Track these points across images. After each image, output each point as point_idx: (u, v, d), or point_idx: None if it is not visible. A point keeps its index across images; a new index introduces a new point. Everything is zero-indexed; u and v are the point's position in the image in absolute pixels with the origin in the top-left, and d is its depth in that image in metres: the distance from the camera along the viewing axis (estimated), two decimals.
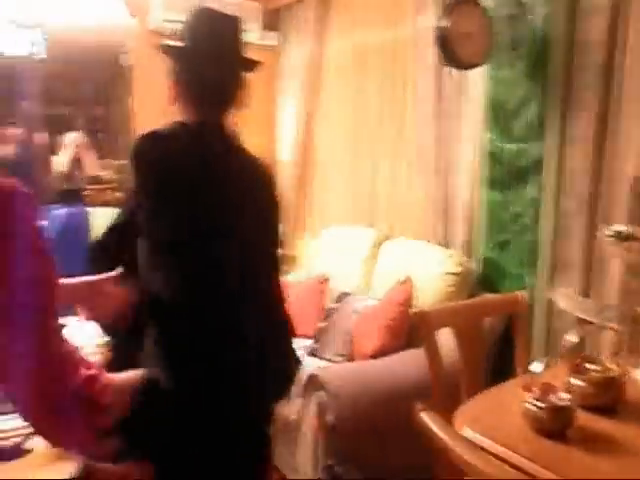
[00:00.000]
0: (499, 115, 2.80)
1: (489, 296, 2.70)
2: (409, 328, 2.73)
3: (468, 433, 1.40)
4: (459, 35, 2.45)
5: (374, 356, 2.64)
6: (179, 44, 1.54)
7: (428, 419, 1.24)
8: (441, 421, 1.24)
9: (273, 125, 4.49)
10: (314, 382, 2.44)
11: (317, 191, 4.21)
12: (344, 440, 2.37)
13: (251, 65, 1.58)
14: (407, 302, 2.75)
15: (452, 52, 2.46)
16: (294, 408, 2.58)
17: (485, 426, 1.43)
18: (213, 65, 1.53)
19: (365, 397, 2.38)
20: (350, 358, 2.89)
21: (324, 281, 3.43)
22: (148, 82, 4.18)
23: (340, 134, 3.94)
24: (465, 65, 2.54)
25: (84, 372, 1.02)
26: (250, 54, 1.61)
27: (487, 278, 2.89)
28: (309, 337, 3.19)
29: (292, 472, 2.65)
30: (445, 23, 2.44)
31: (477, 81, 2.90)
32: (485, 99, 2.86)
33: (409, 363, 2.57)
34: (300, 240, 4.17)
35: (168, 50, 1.57)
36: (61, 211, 3.93)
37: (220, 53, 1.54)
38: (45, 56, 4.51)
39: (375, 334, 2.70)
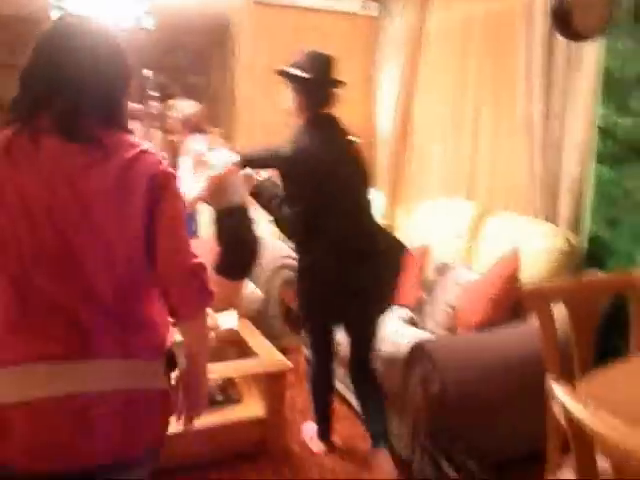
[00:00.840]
0: (614, 89, 2.73)
1: (602, 274, 2.68)
2: (513, 302, 2.75)
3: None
4: (577, 5, 2.40)
5: (479, 329, 2.68)
6: (299, 73, 2.51)
7: (561, 390, 1.28)
8: (574, 393, 1.28)
9: (371, 99, 4.52)
10: (419, 352, 2.50)
11: (415, 165, 4.22)
12: (448, 411, 2.44)
13: (341, 84, 2.58)
14: (513, 276, 2.76)
15: (569, 23, 2.42)
16: (397, 377, 2.66)
17: (611, 401, 1.46)
18: (326, 86, 2.56)
19: (471, 369, 2.43)
20: (452, 330, 2.94)
21: (424, 252, 3.47)
22: (251, 52, 4.29)
23: (441, 107, 3.94)
24: (582, 37, 2.49)
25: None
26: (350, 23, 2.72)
27: (594, 255, 2.85)
28: (408, 307, 3.26)
29: (394, 439, 2.76)
30: None
31: (590, 53, 2.83)
32: (599, 72, 2.80)
33: (514, 337, 2.61)
34: (398, 212, 4.22)
35: (293, 78, 2.52)
36: None
37: (328, 79, 2.55)
38: (152, 27, 4.69)
39: (480, 307, 2.73)
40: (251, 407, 2.76)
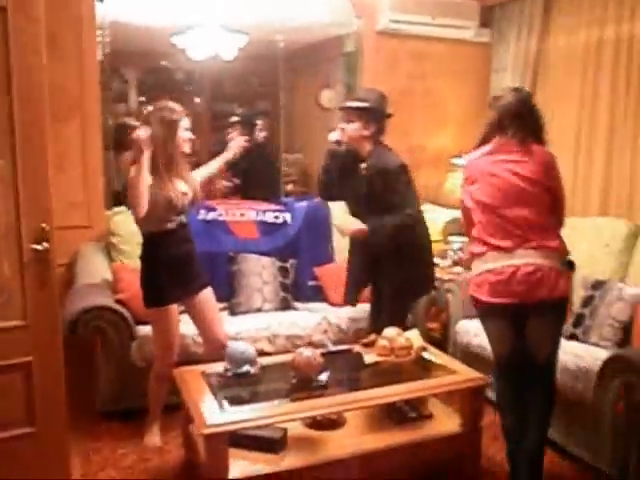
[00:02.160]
0: None
1: None
2: None
3: None
4: None
5: None
6: (367, 105, 3.11)
7: None
8: None
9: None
10: (620, 363, 2.59)
11: None
12: None
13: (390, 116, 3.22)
14: None
15: None
16: (589, 391, 2.75)
17: None
18: (385, 116, 3.20)
19: None
20: (621, 343, 3.03)
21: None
22: (373, 80, 4.42)
23: (567, 130, 4.07)
24: None
25: None
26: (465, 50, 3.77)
27: None
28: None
29: (581, 450, 2.83)
30: None
31: None
32: None
33: None
34: None
35: (374, 112, 3.12)
36: (302, 204, 4.24)
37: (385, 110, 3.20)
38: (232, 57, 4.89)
39: None
40: (445, 423, 2.84)
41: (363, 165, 3.21)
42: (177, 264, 2.87)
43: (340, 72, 5.93)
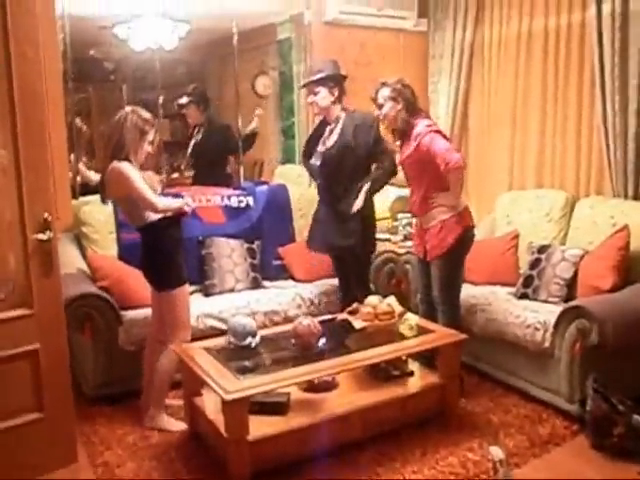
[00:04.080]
0: None
1: None
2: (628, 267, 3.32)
3: None
4: None
5: (612, 291, 3.21)
6: (338, 73, 3.57)
7: None
8: None
9: (426, 107, 5.00)
10: (575, 312, 3.00)
11: (492, 160, 4.72)
12: (605, 357, 2.95)
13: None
14: (625, 246, 3.32)
15: None
16: (547, 339, 3.15)
17: None
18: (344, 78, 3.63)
19: (620, 321, 2.94)
20: (568, 298, 3.46)
21: (515, 237, 3.99)
22: None
23: (503, 110, 4.49)
24: None
25: None
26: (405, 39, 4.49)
27: None
28: (510, 284, 3.77)
29: (542, 392, 3.24)
30: None
31: None
32: None
33: None
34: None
35: (333, 77, 3.53)
36: (263, 187, 4.42)
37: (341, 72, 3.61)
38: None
39: (608, 273, 3.25)
40: (425, 378, 3.15)
41: (330, 127, 3.64)
42: (182, 245, 3.03)
43: (275, 59, 6.13)
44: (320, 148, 3.65)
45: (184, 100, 5.33)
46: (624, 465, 2.71)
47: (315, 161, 3.66)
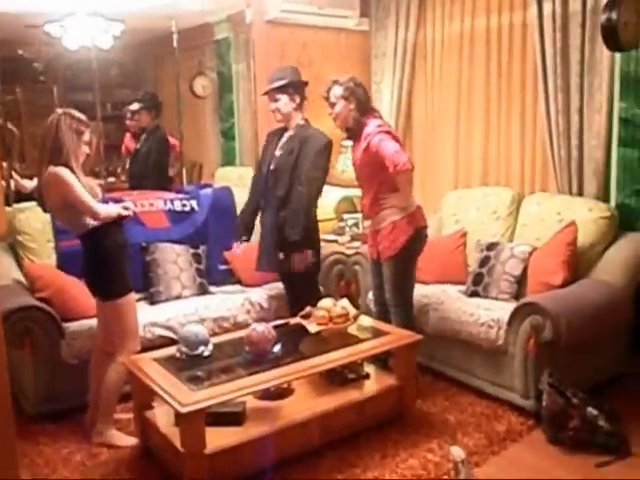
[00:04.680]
0: (632, 87, 3.44)
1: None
2: (576, 263, 3.37)
3: None
4: (622, 24, 3.04)
5: (563, 286, 3.25)
6: (299, 79, 3.52)
7: None
8: None
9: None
10: (529, 308, 3.02)
11: (438, 159, 4.71)
12: (559, 352, 2.99)
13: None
14: (574, 242, 3.37)
15: (617, 39, 3.06)
16: (500, 336, 3.17)
17: None
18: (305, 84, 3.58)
19: (574, 316, 2.99)
20: (516, 295, 3.50)
21: (463, 235, 4.01)
22: (266, 68, 4.54)
23: (447, 109, 4.52)
24: (626, 48, 3.14)
25: None
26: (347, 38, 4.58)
27: (624, 221, 3.54)
28: (460, 282, 3.79)
29: (497, 389, 3.26)
30: (613, 15, 3.02)
31: (605, 60, 3.52)
32: (615, 74, 3.50)
33: (592, 289, 3.23)
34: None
35: (294, 84, 3.47)
36: (207, 190, 4.30)
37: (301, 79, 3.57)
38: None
39: (558, 268, 3.28)
40: (381, 380, 3.12)
41: (288, 133, 3.56)
42: (126, 251, 2.89)
43: (212, 59, 6.00)
44: (277, 152, 3.59)
45: (135, 106, 5.17)
46: (581, 457, 2.74)
47: (270, 166, 3.59)
